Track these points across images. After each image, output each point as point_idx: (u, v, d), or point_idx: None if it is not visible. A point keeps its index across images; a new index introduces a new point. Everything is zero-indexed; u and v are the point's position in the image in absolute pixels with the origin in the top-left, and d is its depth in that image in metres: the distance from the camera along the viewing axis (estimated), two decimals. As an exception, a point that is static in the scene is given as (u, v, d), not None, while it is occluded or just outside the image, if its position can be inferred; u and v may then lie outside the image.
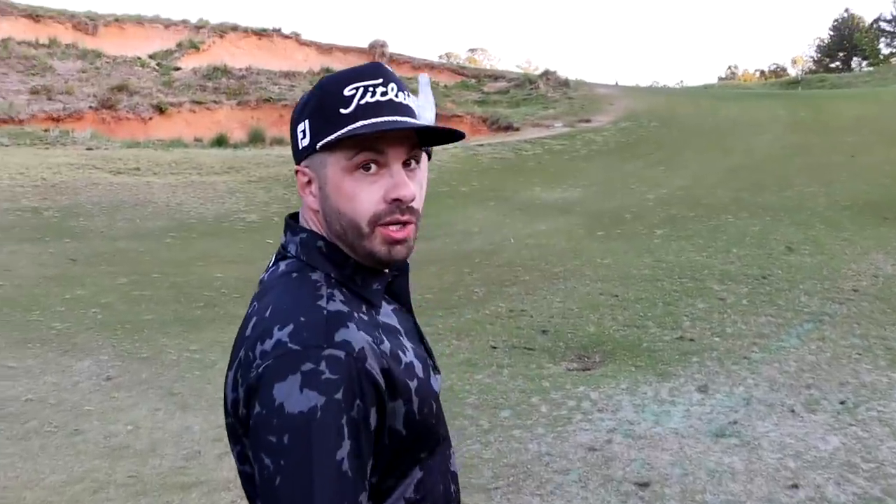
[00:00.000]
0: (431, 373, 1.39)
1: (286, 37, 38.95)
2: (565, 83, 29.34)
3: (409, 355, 1.32)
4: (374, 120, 1.25)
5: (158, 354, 6.04)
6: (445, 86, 32.77)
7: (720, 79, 72.47)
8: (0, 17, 31.34)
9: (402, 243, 1.30)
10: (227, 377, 1.28)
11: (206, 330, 6.61)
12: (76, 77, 26.00)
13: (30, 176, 13.52)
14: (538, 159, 17.04)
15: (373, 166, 1.26)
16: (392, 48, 41.16)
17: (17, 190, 12.64)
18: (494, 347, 6.28)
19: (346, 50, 39.11)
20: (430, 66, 37.68)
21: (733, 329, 6.55)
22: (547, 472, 4.20)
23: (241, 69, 29.56)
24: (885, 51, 54.54)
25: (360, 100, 1.26)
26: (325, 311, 1.22)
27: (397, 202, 1.27)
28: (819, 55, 62.42)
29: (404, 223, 1.29)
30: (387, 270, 1.38)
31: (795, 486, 3.98)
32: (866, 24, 57.30)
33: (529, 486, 4.04)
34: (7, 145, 16.60)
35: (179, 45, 34.75)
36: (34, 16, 32.80)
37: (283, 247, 1.37)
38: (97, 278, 8.34)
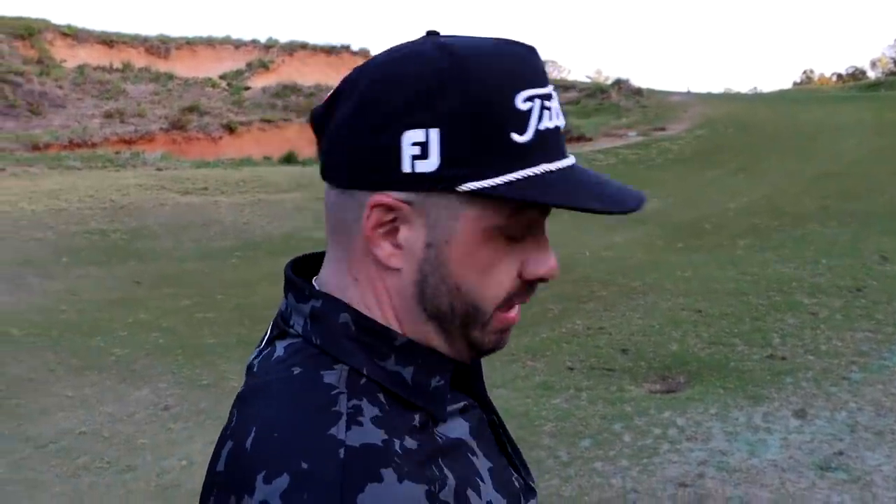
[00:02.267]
0: (522, 501, 0.90)
1: (355, 53, 39.20)
2: (638, 91, 28.82)
3: (485, 492, 0.82)
4: (557, 165, 0.78)
5: (219, 381, 5.83)
6: (514, 98, 32.52)
7: (795, 84, 70.78)
8: (77, 45, 32.16)
9: (510, 331, 0.86)
10: None
11: (270, 353, 6.40)
12: (148, 99, 26.50)
13: (99, 198, 13.62)
14: (612, 169, 16.61)
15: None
16: (459, 61, 41.03)
17: (86, 213, 12.72)
18: (571, 368, 5.92)
19: (414, 65, 39.12)
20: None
21: (828, 346, 6.07)
22: (633, 512, 3.82)
23: (310, 87, 29.78)
24: (971, 49, 52.60)
25: (539, 122, 0.77)
26: (342, 451, 0.71)
27: (542, 281, 0.83)
28: (900, 56, 60.47)
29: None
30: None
31: (920, 532, 3.53)
32: (950, 22, 55.35)
33: None
34: (79, 168, 16.86)
35: (249, 64, 35.28)
36: (108, 42, 33.59)
37: (283, 317, 0.87)
38: (160, 301, 8.24)
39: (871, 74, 60.62)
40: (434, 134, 0.74)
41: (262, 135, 25.17)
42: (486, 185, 0.74)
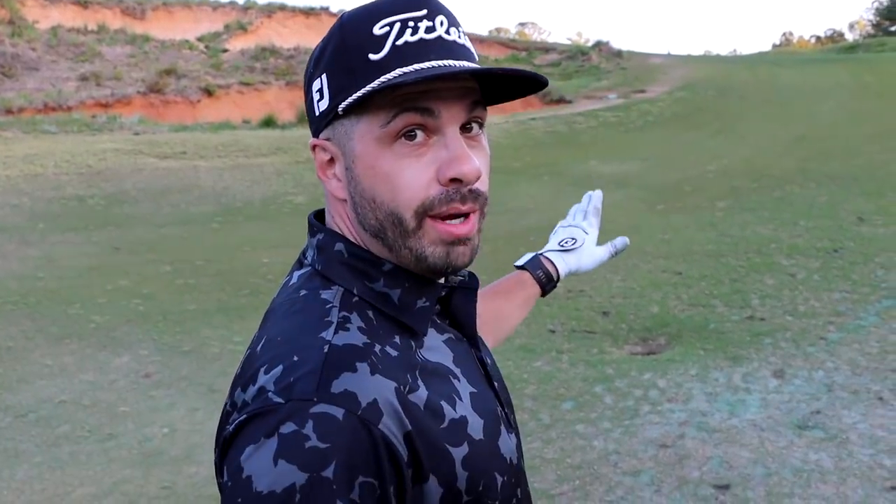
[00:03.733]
0: (503, 430, 0.97)
1: (334, 15, 38.80)
2: (618, 54, 28.75)
3: (461, 407, 0.92)
4: (416, 66, 0.87)
5: (200, 347, 5.80)
6: (496, 59, 32.34)
7: (774, 46, 70.79)
8: (49, 5, 31.65)
9: (464, 243, 0.92)
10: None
11: (251, 319, 6.36)
12: (124, 62, 26.17)
13: (75, 163, 13.46)
14: (593, 132, 16.58)
15: (419, 133, 0.88)
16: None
17: (62, 178, 12.58)
18: (553, 331, 5.94)
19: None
20: (479, 41, 37.28)
21: (806, 307, 6.12)
22: (616, 473, 3.84)
23: (289, 49, 29.51)
24: (949, 12, 52.69)
25: (396, 39, 0.88)
26: (326, 348, 0.85)
27: (456, 183, 0.89)
28: (878, 18, 60.47)
29: (466, 214, 0.91)
30: (442, 280, 0.99)
31: (895, 489, 3.57)
32: (928, -16, 55.44)
33: (597, 490, 3.69)
34: (54, 133, 16.63)
35: (227, 26, 34.87)
36: (82, 2, 33.06)
37: (303, 252, 1.01)
38: (140, 267, 8.17)
39: (850, 37, 60.83)
40: (324, 78, 0.92)
41: (240, 98, 24.93)
42: (351, 99, 0.88)
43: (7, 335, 6.20)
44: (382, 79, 0.87)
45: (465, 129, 0.91)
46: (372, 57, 0.88)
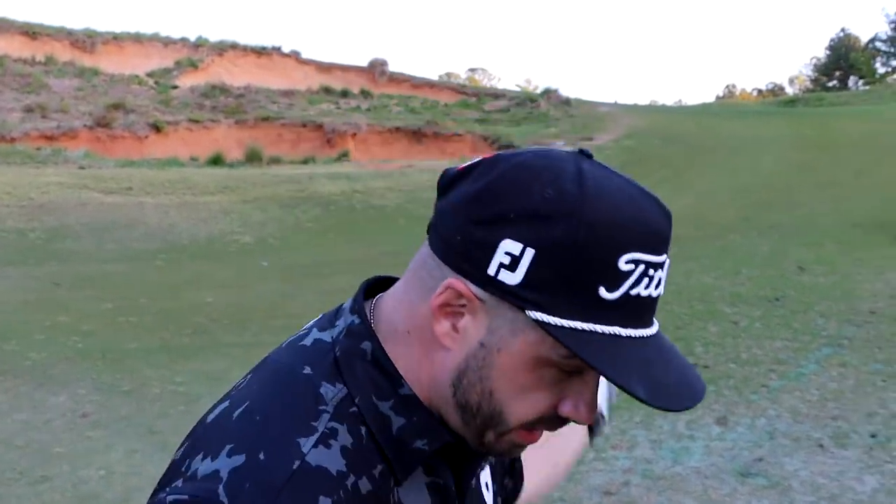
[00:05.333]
0: None
1: (285, 55, 38.86)
2: (566, 101, 29.13)
3: None
4: (631, 333, 0.77)
5: (141, 387, 5.68)
6: (446, 104, 32.57)
7: (718, 97, 72.46)
8: (-4, 35, 31.17)
9: (524, 448, 0.86)
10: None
11: (194, 360, 6.26)
12: (72, 95, 25.83)
13: (17, 196, 13.21)
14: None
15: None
16: (392, 66, 40.73)
17: (2, 210, 12.34)
18: (498, 376, 5.93)
19: (346, 69, 39.04)
20: (430, 85, 37.58)
21: (749, 355, 6.21)
22: (559, 520, 3.84)
23: (239, 87, 29.41)
24: (881, 70, 54.56)
25: (632, 287, 0.75)
26: (297, 462, 0.75)
27: (568, 421, 0.82)
28: (816, 74, 62.44)
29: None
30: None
31: (836, 537, 3.62)
32: (862, 44, 57.41)
33: None
34: (-4, 164, 16.32)
35: (178, 63, 34.66)
36: (31, 33, 32.66)
37: (338, 312, 0.88)
38: (81, 304, 8.01)
39: (790, 91, 62.55)
40: (529, 253, 0.74)
41: (189, 135, 24.72)
42: (551, 322, 0.75)
43: (-62, 372, 6.01)
44: (603, 329, 0.75)
45: None
46: (602, 294, 0.74)
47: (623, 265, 0.74)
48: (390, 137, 24.99)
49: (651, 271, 0.76)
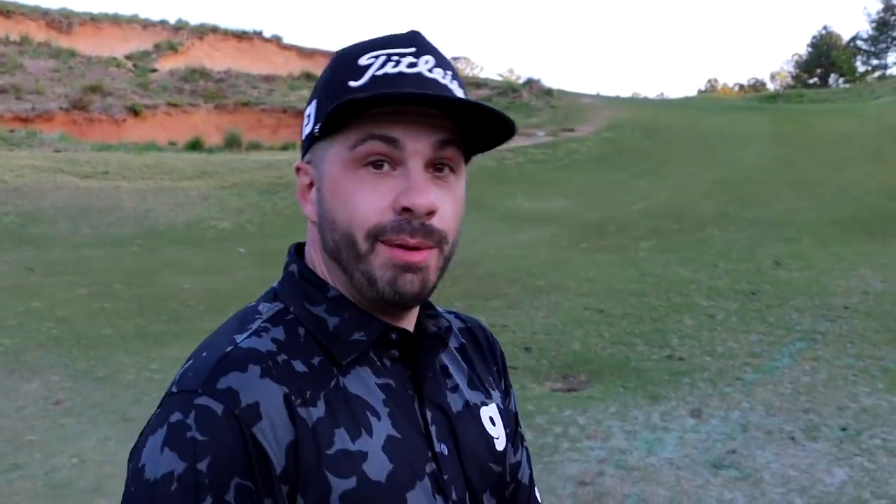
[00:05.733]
0: (422, 488, 0.92)
1: (267, 40, 38.61)
2: (548, 92, 29.11)
3: (364, 443, 0.89)
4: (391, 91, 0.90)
5: (115, 374, 5.63)
6: (426, 93, 32.44)
7: (700, 91, 72.75)
8: (-30, 15, 30.74)
9: (413, 271, 0.90)
10: None
11: (170, 346, 6.20)
12: (47, 76, 25.53)
13: (-10, 178, 13.05)
14: (520, 168, 16.75)
15: (385, 164, 0.89)
16: (372, 54, 40.74)
17: (-25, 193, 12.18)
18: (475, 366, 5.93)
19: (328, 55, 38.67)
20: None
21: (724, 348, 6.26)
22: (533, 510, 3.83)
23: (219, 72, 29.19)
24: (862, 68, 54.94)
25: (376, 70, 0.90)
26: (229, 348, 0.88)
27: (408, 213, 0.89)
28: (797, 71, 62.82)
29: (415, 247, 0.90)
30: (391, 327, 0.96)
31: (805, 530, 3.64)
32: (844, 42, 57.86)
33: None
34: (-30, 146, 16.11)
35: (157, 46, 34.31)
36: (5, 12, 32.22)
37: None
38: (56, 289, 7.92)
39: (771, 87, 62.90)
40: (314, 105, 0.96)
41: (167, 119, 24.52)
42: (322, 120, 0.91)
43: None
44: (347, 98, 0.87)
45: (435, 167, 0.92)
46: (351, 84, 0.90)
47: (363, 61, 0.91)
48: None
49: (395, 58, 0.91)
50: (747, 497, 3.91)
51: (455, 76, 0.95)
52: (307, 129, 0.96)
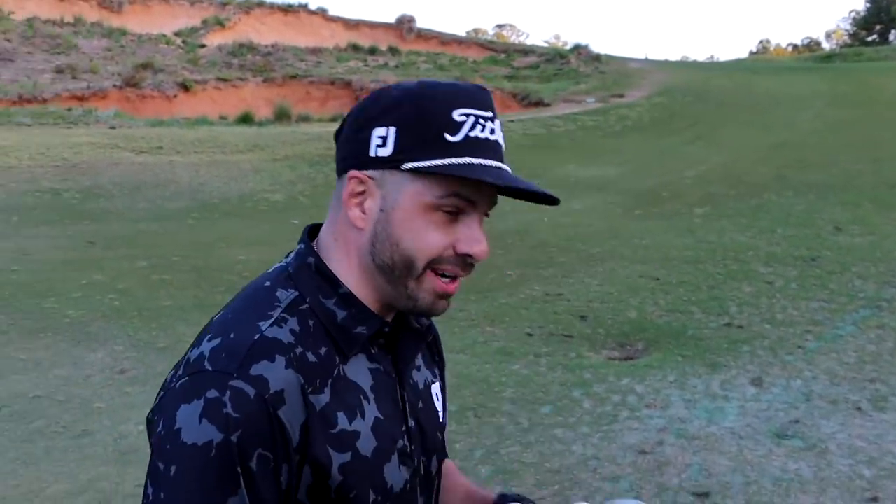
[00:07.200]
0: (396, 460, 1.12)
1: (312, 13, 38.67)
2: (597, 58, 28.79)
3: (358, 423, 1.07)
4: (482, 161, 1.04)
5: (176, 344, 5.70)
6: (474, 61, 32.29)
7: (751, 53, 71.29)
8: (26, -4, 31.21)
9: (447, 298, 1.11)
10: None
11: (227, 317, 6.27)
12: (101, 55, 25.90)
13: (51, 156, 13.29)
14: (571, 136, 16.60)
15: (458, 213, 1.06)
16: (419, 23, 40.56)
17: (37, 171, 12.42)
18: (530, 334, 5.93)
19: (374, 26, 38.78)
20: (458, 42, 37.25)
21: (784, 315, 6.15)
22: (595, 479, 3.82)
23: (267, 46, 29.34)
24: (924, 24, 53.27)
25: (469, 130, 1.04)
26: (257, 335, 1.02)
27: (466, 258, 1.08)
28: (855, 28, 61.06)
29: (455, 277, 1.10)
30: (388, 325, 1.14)
31: (875, 500, 3.57)
32: (905, -4, 55.97)
33: (577, 496, 3.67)
34: (29, 125, 16.42)
35: (205, 22, 34.60)
36: (59, -6, 32.62)
37: (290, 252, 1.17)
38: (115, 262, 8.06)
39: (826, 46, 61.33)
40: (393, 130, 1.04)
41: (217, 94, 24.73)
42: (419, 165, 1.02)
43: (-21, 328, 6.08)
44: (460, 162, 1.02)
45: (485, 215, 1.10)
46: (448, 137, 1.03)
47: (457, 117, 1.03)
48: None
49: (481, 121, 1.05)
50: (813, 468, 3.85)
51: (501, 126, 1.11)
52: (382, 152, 1.05)
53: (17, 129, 15.76)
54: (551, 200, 1.09)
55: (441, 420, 1.26)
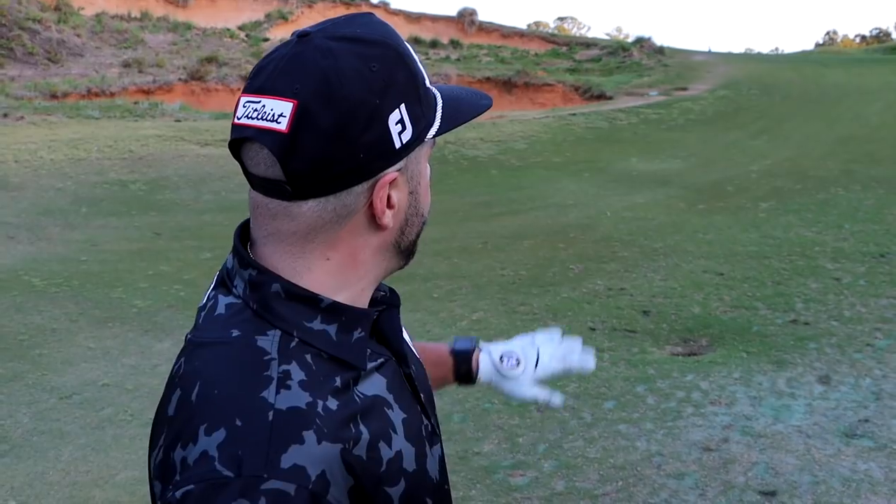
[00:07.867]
0: (428, 449, 1.00)
1: (375, 6, 38.84)
2: (660, 50, 28.45)
3: (396, 441, 0.93)
4: (447, 92, 1.00)
5: (240, 335, 5.82)
6: (536, 54, 32.15)
7: (818, 45, 69.77)
8: (94, -8, 31.89)
9: None
10: (149, 460, 0.91)
11: (291, 308, 6.37)
12: (167, 49, 26.36)
13: (118, 149, 13.58)
14: (633, 129, 16.44)
15: None
16: (481, 16, 40.46)
17: (105, 163, 12.70)
18: (593, 329, 5.89)
19: (435, 19, 38.83)
20: (519, 35, 37.13)
21: (852, 312, 6.01)
22: (659, 475, 3.79)
23: (329, 39, 29.52)
24: None
25: (423, 67, 0.97)
26: (271, 414, 0.82)
27: None
28: (927, 18, 59.34)
29: None
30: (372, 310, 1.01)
31: (949, 502, 3.50)
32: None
33: (641, 492, 3.64)
34: (98, 118, 16.79)
35: (268, 16, 35.00)
36: (127, -10, 33.26)
37: (228, 274, 0.95)
38: (181, 253, 8.22)
39: (897, 36, 59.67)
40: (403, 108, 0.91)
41: (280, 87, 25.01)
42: (438, 128, 0.95)
43: (52, 317, 6.26)
44: (443, 104, 0.97)
45: None
46: (429, 87, 0.96)
47: (417, 69, 0.93)
48: (480, 88, 24.80)
49: (416, 53, 0.96)
50: (884, 469, 3.77)
51: None
52: (406, 137, 0.91)
53: (86, 123, 16.14)
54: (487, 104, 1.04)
55: (421, 364, 1.14)
